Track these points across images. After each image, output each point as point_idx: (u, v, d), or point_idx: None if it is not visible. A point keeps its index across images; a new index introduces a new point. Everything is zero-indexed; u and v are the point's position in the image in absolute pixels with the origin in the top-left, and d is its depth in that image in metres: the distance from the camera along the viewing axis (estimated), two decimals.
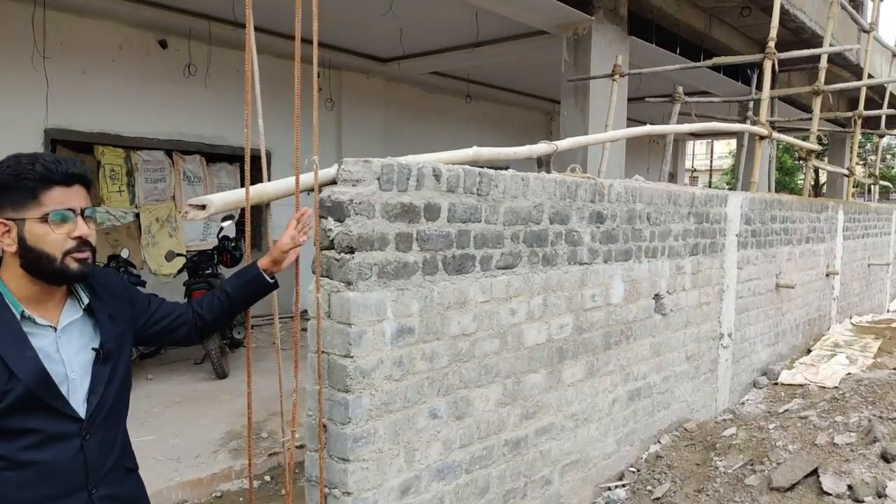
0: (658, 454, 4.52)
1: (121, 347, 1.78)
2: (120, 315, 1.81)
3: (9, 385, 1.52)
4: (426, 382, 2.90)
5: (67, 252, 1.58)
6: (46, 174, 1.55)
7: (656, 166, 15.91)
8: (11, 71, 7.11)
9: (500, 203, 3.19)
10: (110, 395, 1.71)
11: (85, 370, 1.67)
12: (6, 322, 1.56)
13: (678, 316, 4.80)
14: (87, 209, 1.63)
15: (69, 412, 1.61)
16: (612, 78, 7.25)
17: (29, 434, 1.56)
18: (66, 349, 1.64)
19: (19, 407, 1.53)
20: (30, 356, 1.56)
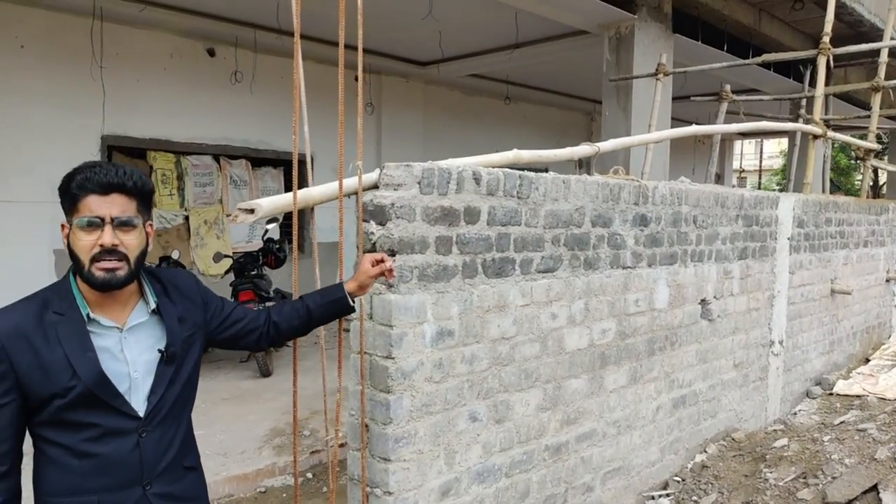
0: (704, 464, 4.42)
1: (188, 350, 1.81)
2: (190, 317, 1.83)
3: (71, 382, 1.59)
4: (466, 385, 2.90)
5: (93, 259, 1.60)
6: (83, 182, 1.60)
7: (702, 167, 15.58)
8: (72, 81, 7.39)
9: (540, 206, 3.17)
10: (171, 396, 1.75)
11: (148, 370, 1.70)
12: (74, 323, 1.63)
13: (726, 322, 4.69)
14: (118, 218, 1.61)
15: (126, 410, 1.66)
16: (656, 77, 7.13)
17: (90, 427, 1.63)
18: (132, 349, 1.69)
19: (81, 403, 1.61)
20: (90, 357, 1.61)
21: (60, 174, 5.96)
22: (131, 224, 1.63)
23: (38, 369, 1.58)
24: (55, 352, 1.59)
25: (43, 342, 1.59)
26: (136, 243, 1.65)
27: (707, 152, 14.90)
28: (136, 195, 1.66)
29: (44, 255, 7.37)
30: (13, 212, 7.11)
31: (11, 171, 7.06)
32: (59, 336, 1.60)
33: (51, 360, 1.59)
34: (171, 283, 1.84)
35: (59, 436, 1.63)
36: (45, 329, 1.60)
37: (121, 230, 1.62)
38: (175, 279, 1.86)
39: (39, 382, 1.59)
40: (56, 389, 1.58)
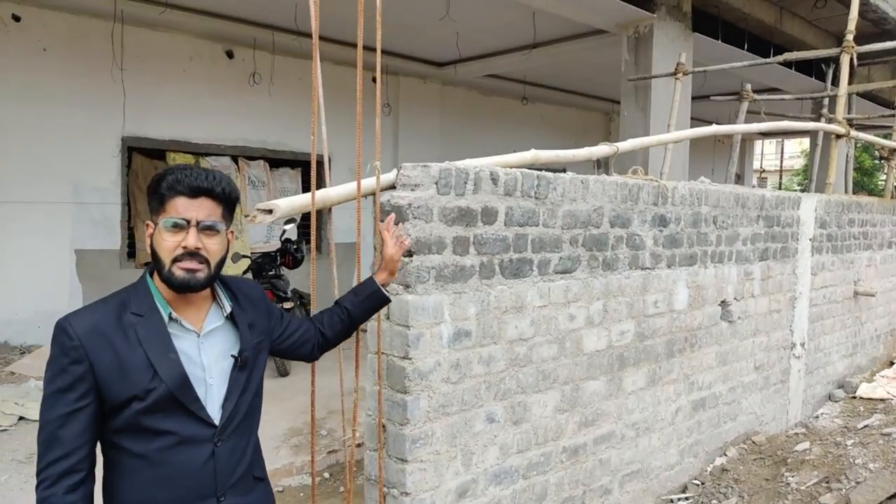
0: (724, 467, 4.37)
1: (257, 357, 1.79)
2: (258, 325, 1.82)
3: (152, 384, 1.56)
4: (483, 386, 2.89)
5: (175, 260, 1.58)
6: (173, 184, 1.59)
7: (722, 167, 15.42)
8: (93, 83, 7.48)
9: (558, 206, 3.15)
10: (244, 404, 1.73)
11: (223, 377, 1.68)
12: (155, 324, 1.60)
13: (746, 324, 4.63)
14: (204, 222, 1.60)
15: (204, 417, 1.63)
16: (676, 76, 7.06)
17: (165, 435, 1.59)
18: (208, 354, 1.67)
19: (159, 407, 1.57)
20: (172, 358, 1.59)
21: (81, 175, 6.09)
22: (215, 229, 1.62)
23: (118, 371, 1.55)
24: (136, 353, 1.56)
25: (123, 343, 1.56)
26: (218, 249, 1.64)
27: (727, 152, 14.73)
28: (222, 201, 1.65)
29: (65, 255, 7.46)
30: (35, 212, 7.20)
31: (34, 171, 7.15)
32: (140, 337, 1.58)
33: (131, 362, 1.55)
34: (239, 290, 1.83)
35: (134, 443, 1.59)
36: (125, 330, 1.58)
37: (205, 234, 1.61)
38: (243, 286, 1.86)
39: (118, 384, 1.55)
40: (135, 391, 1.55)
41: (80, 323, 1.56)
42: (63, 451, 1.53)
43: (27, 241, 7.16)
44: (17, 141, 7.03)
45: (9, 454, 4.56)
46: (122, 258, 7.86)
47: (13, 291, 7.09)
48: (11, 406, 5.37)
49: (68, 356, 1.54)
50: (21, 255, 7.12)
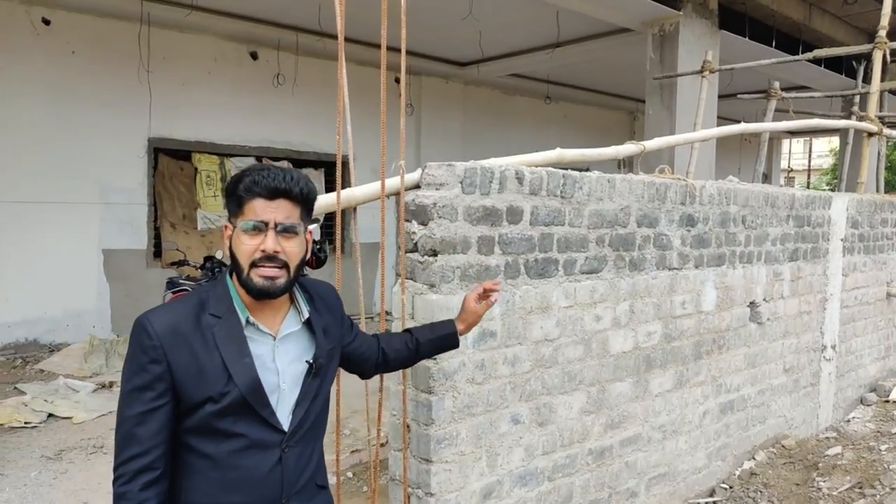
0: (753, 471, 4.29)
1: (329, 363, 1.76)
2: (332, 331, 1.79)
3: (226, 388, 1.54)
4: (508, 387, 2.87)
5: (253, 265, 1.55)
6: (251, 186, 1.56)
7: (748, 167, 15.21)
8: (120, 84, 7.59)
9: (584, 206, 3.11)
10: (314, 410, 1.70)
11: (296, 382, 1.65)
12: (232, 326, 1.58)
13: (776, 325, 4.55)
14: (282, 224, 1.56)
15: (274, 422, 1.61)
16: (702, 74, 6.97)
17: (235, 438, 1.57)
18: (282, 359, 1.64)
19: (232, 411, 1.56)
20: (247, 363, 1.57)
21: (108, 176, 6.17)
22: (294, 231, 1.59)
23: (195, 372, 1.54)
24: (212, 355, 1.55)
25: (201, 344, 1.55)
26: (297, 251, 1.61)
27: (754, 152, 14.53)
28: (301, 202, 1.61)
29: (93, 255, 7.58)
30: (64, 212, 7.33)
31: (62, 172, 7.27)
32: (217, 339, 1.56)
33: (208, 364, 1.54)
34: (317, 293, 1.79)
35: (205, 445, 1.57)
36: (203, 331, 1.56)
37: (283, 237, 1.57)
38: (320, 290, 1.82)
39: (194, 385, 1.54)
40: (210, 394, 1.54)
41: (159, 322, 1.55)
42: (140, 448, 1.52)
43: (56, 241, 7.28)
44: (46, 142, 7.15)
45: (38, 450, 4.63)
46: (148, 258, 7.96)
47: (42, 290, 7.21)
48: (41, 403, 5.46)
49: (147, 355, 1.53)
50: (50, 255, 7.24)
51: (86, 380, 6.17)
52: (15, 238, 7.03)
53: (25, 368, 6.58)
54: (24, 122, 7.01)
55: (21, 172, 7.01)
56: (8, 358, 6.82)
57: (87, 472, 4.30)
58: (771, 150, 17.75)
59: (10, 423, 5.06)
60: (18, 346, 7.08)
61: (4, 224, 6.96)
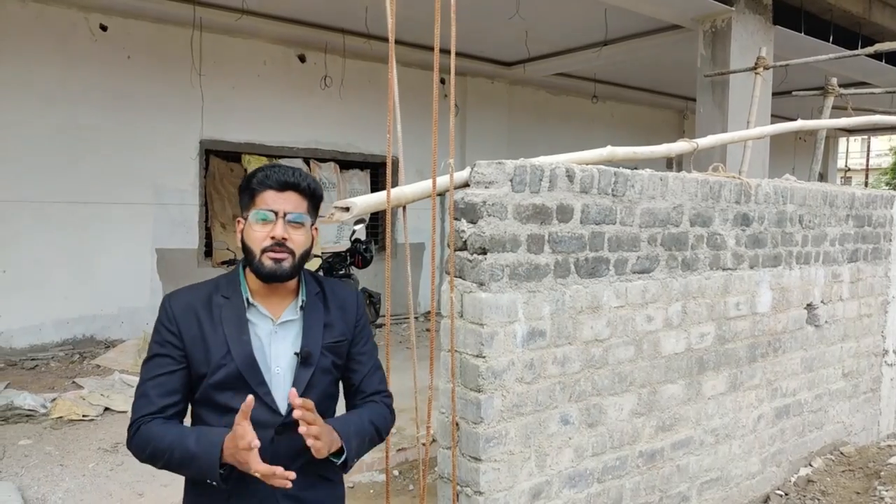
0: (809, 478, 4.16)
1: (329, 358, 1.79)
2: (337, 328, 1.83)
3: (224, 360, 1.69)
4: (558, 387, 2.84)
5: (264, 250, 1.69)
6: (263, 179, 1.72)
7: (803, 166, 14.76)
8: (173, 88, 7.79)
9: (636, 204, 3.06)
10: (311, 400, 1.67)
11: (289, 369, 1.75)
12: (236, 306, 1.74)
13: (834, 328, 4.40)
14: (291, 214, 1.71)
15: (269, 402, 1.70)
16: (755, 71, 6.78)
17: (233, 413, 1.63)
18: (278, 344, 1.75)
19: (229, 385, 1.69)
20: (244, 339, 1.71)
21: (162, 177, 6.33)
22: (301, 222, 1.73)
23: (201, 343, 1.70)
24: (217, 330, 1.71)
25: (208, 320, 1.72)
26: (303, 241, 1.74)
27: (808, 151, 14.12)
28: (307, 196, 1.76)
29: (146, 255, 7.79)
30: (119, 212, 7.55)
31: (117, 174, 7.50)
32: (222, 317, 1.72)
33: (212, 338, 1.71)
34: (332, 291, 1.88)
35: (209, 418, 1.72)
36: (212, 309, 1.73)
37: (291, 226, 1.71)
38: (338, 290, 1.90)
39: (199, 357, 1.70)
40: (211, 365, 1.69)
41: (177, 300, 1.75)
42: (152, 407, 1.69)
43: (111, 241, 7.51)
44: (102, 145, 7.38)
45: (96, 443, 4.77)
46: (199, 257, 8.15)
47: (98, 288, 7.45)
48: (98, 397, 5.63)
49: (165, 327, 1.73)
50: (106, 254, 7.48)
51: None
52: (73, 238, 7.27)
53: (83, 364, 6.79)
54: (82, 126, 7.25)
55: (79, 174, 7.25)
56: (66, 353, 7.05)
57: (141, 465, 4.39)
58: (827, 149, 17.19)
59: (69, 416, 5.23)
60: (76, 342, 7.32)
61: (63, 224, 7.21)
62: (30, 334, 7.07)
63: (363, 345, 1.92)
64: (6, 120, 6.82)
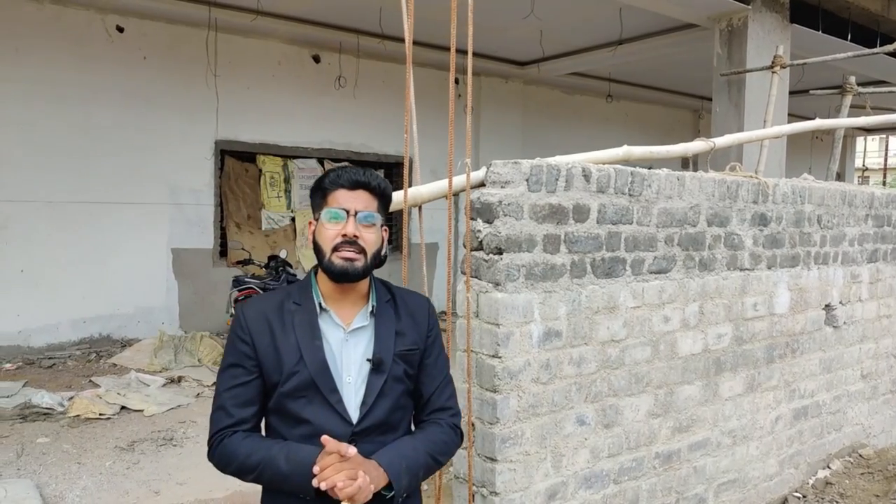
0: (828, 480, 4.12)
1: (401, 367, 1.75)
2: (409, 336, 1.79)
3: (296, 367, 1.66)
4: (574, 388, 2.83)
5: (335, 248, 1.66)
6: (335, 179, 1.71)
7: (820, 166, 14.61)
8: (188, 89, 7.84)
9: (653, 204, 3.04)
10: (381, 410, 1.70)
11: (361, 377, 1.70)
12: (308, 312, 1.72)
13: (853, 329, 4.35)
14: (362, 212, 1.68)
15: (341, 411, 1.66)
16: (772, 70, 6.72)
17: (305, 424, 1.66)
18: (350, 352, 1.71)
19: (301, 392, 1.66)
20: (317, 345, 1.68)
21: (177, 177, 6.37)
22: (371, 220, 1.70)
23: (273, 352, 1.68)
24: (289, 337, 1.69)
25: (280, 328, 1.70)
26: (374, 240, 1.71)
27: (825, 151, 13.97)
28: (378, 195, 1.73)
29: (162, 254, 7.85)
30: (135, 212, 7.61)
31: (133, 174, 7.56)
32: (294, 323, 1.70)
33: (284, 345, 1.68)
34: (402, 297, 1.84)
35: (281, 427, 1.70)
36: (284, 316, 1.72)
37: (362, 225, 1.69)
38: (409, 298, 1.86)
39: (272, 365, 1.68)
40: (284, 373, 1.67)
41: (250, 309, 1.74)
42: (230, 420, 1.68)
43: (128, 240, 7.58)
44: (118, 145, 7.45)
45: (112, 441, 4.81)
46: (214, 257, 8.20)
47: (115, 288, 7.51)
48: (114, 396, 5.68)
49: (238, 337, 1.71)
50: (122, 254, 7.54)
51: (155, 374, 6.38)
52: (90, 237, 7.34)
53: (99, 362, 6.86)
54: (98, 127, 7.32)
55: (95, 174, 7.32)
56: (83, 352, 7.12)
57: (157, 463, 4.44)
58: (845, 149, 17.01)
59: (86, 415, 5.28)
60: (93, 341, 7.39)
61: (80, 224, 7.28)
62: (47, 333, 7.15)
63: (435, 357, 1.85)
64: (23, 120, 6.90)
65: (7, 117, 6.82)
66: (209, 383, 6.16)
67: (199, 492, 4.03)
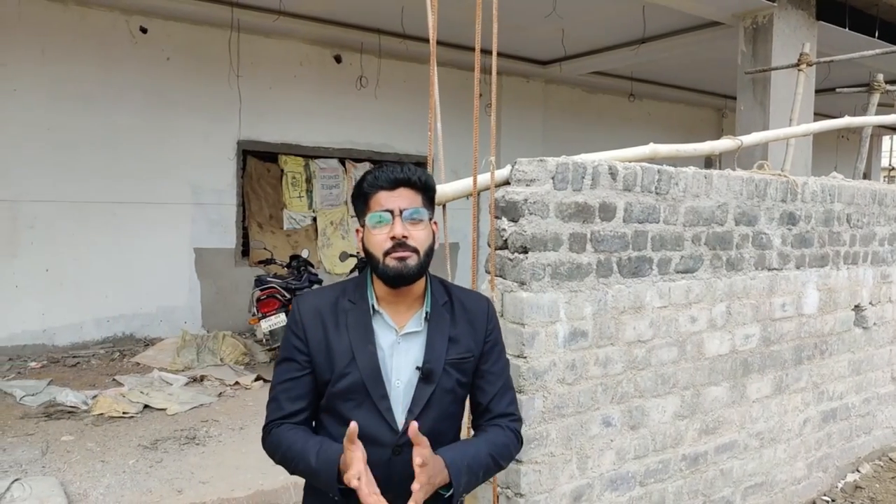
0: (857, 484, 4.04)
1: (453, 374, 1.69)
2: (465, 341, 1.72)
3: (348, 369, 1.63)
4: (599, 388, 2.79)
5: (387, 252, 1.60)
6: (373, 181, 1.64)
7: (845, 165, 14.38)
8: (211, 89, 7.90)
9: (680, 202, 3.00)
10: (429, 419, 1.64)
11: (410, 384, 1.65)
12: (362, 313, 1.68)
13: (883, 330, 4.27)
14: (407, 210, 1.62)
15: (388, 417, 1.62)
16: (798, 68, 6.62)
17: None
18: (401, 356, 1.67)
19: (351, 395, 1.63)
20: (370, 349, 1.64)
21: (200, 177, 6.40)
22: (419, 216, 1.64)
23: (325, 350, 1.66)
24: (342, 337, 1.66)
25: (333, 326, 1.68)
26: (424, 236, 1.65)
27: (851, 150, 13.74)
28: (421, 189, 1.67)
29: (185, 253, 7.91)
30: (158, 212, 7.68)
31: (156, 174, 7.62)
32: (348, 323, 1.67)
33: (336, 344, 1.66)
34: (460, 300, 1.77)
35: (330, 426, 1.69)
36: (338, 315, 1.69)
37: (409, 223, 1.62)
38: (467, 299, 1.79)
39: (324, 363, 1.66)
40: (335, 372, 1.65)
41: (305, 304, 1.73)
42: (281, 412, 1.69)
43: (150, 240, 7.64)
44: (142, 145, 7.52)
45: (136, 440, 4.84)
46: (236, 256, 8.25)
47: (138, 287, 7.58)
48: (137, 395, 5.72)
49: (292, 331, 1.71)
50: (145, 253, 7.61)
51: (178, 373, 6.43)
52: (113, 237, 7.41)
53: (122, 361, 6.92)
54: (122, 127, 7.39)
55: (118, 174, 7.39)
56: (107, 351, 7.19)
57: (180, 462, 4.46)
58: (871, 148, 16.73)
59: (109, 413, 5.32)
60: (116, 340, 7.47)
61: (103, 224, 7.35)
62: (71, 332, 7.23)
63: (493, 363, 1.77)
64: (48, 121, 6.99)
65: (33, 118, 6.91)
66: (231, 382, 6.19)
67: (221, 491, 4.04)
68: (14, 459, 4.37)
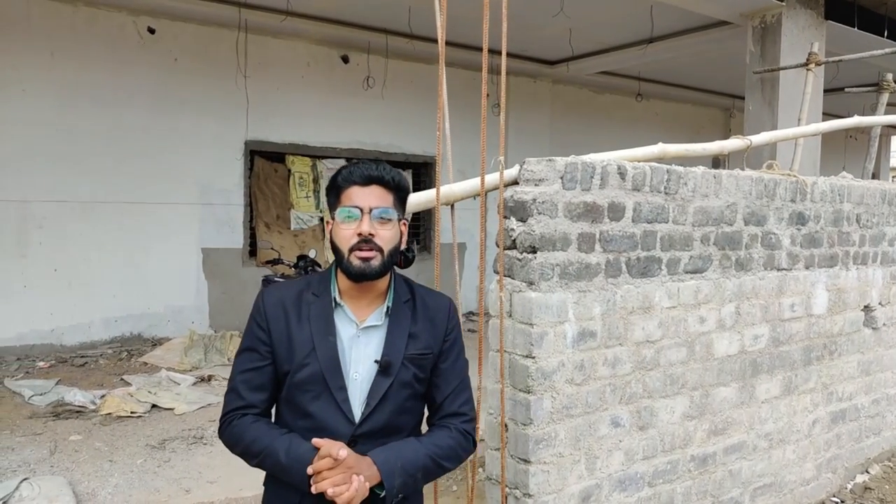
0: (866, 485, 4.02)
1: (411, 370, 1.71)
2: (424, 338, 1.74)
3: (308, 360, 1.65)
4: (608, 389, 2.79)
5: (352, 248, 1.62)
6: (347, 176, 1.66)
7: (853, 165, 14.31)
8: (219, 90, 7.92)
9: (689, 202, 2.99)
10: (385, 413, 1.67)
11: (368, 377, 1.67)
12: (324, 305, 1.70)
13: (893, 331, 4.25)
14: (377, 209, 1.63)
15: (345, 409, 1.64)
16: (807, 67, 6.60)
17: (309, 418, 1.66)
18: (360, 349, 1.69)
19: (310, 385, 1.65)
20: (330, 340, 1.66)
21: (208, 177, 6.41)
22: (387, 216, 1.65)
23: (287, 341, 1.68)
24: (303, 328, 1.68)
25: (295, 318, 1.69)
26: (391, 236, 1.67)
27: (859, 150, 13.72)
28: (393, 189, 1.69)
29: (192, 254, 7.93)
30: (165, 213, 7.70)
31: (165, 174, 7.65)
32: (310, 315, 1.69)
33: (297, 335, 1.68)
34: (422, 298, 1.79)
35: (288, 417, 1.71)
36: (301, 307, 1.71)
37: (378, 222, 1.64)
38: (430, 299, 1.81)
39: (284, 354, 1.68)
40: (295, 363, 1.66)
41: (270, 295, 1.74)
42: (241, 402, 1.71)
43: (158, 240, 7.67)
44: (150, 145, 7.54)
45: (143, 439, 4.86)
46: (244, 257, 8.27)
47: (146, 287, 7.61)
48: (145, 394, 5.74)
49: (256, 322, 1.73)
50: (153, 253, 7.64)
51: (185, 373, 6.45)
52: (122, 237, 7.44)
53: (130, 361, 6.94)
54: (130, 127, 7.42)
55: (127, 175, 7.42)
56: (115, 350, 7.22)
57: (188, 462, 4.48)
58: (880, 147, 16.64)
59: (117, 413, 5.34)
60: (124, 340, 7.49)
61: (112, 224, 7.38)
62: (79, 332, 7.26)
63: (452, 362, 1.79)
64: (56, 121, 7.02)
65: (43, 119, 6.95)
66: None
67: (229, 490, 4.06)
68: (22, 459, 4.39)
